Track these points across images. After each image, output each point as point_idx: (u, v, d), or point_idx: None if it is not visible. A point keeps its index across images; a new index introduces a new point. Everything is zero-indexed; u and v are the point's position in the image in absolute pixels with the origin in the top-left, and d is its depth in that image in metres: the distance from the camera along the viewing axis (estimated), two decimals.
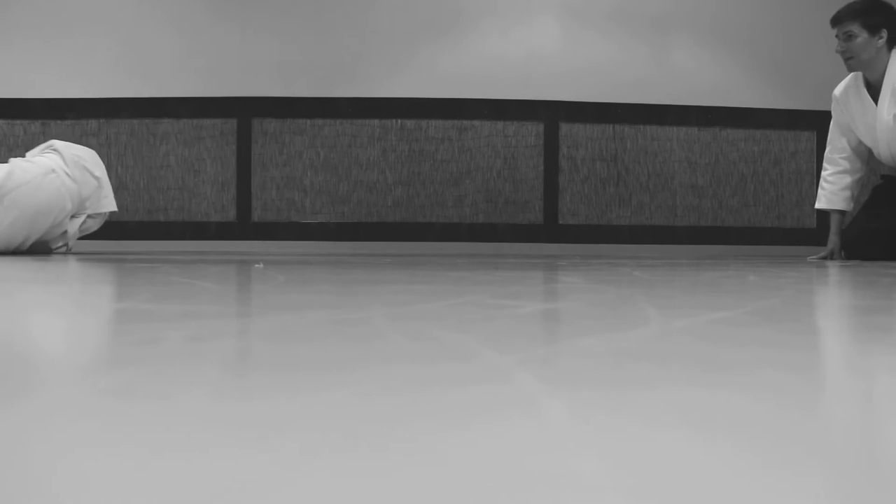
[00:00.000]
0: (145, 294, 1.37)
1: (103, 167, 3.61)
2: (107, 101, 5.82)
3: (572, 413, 0.46)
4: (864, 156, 3.55)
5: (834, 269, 2.64)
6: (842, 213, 3.50)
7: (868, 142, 3.46)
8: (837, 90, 3.58)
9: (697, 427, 0.42)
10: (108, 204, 3.64)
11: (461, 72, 5.99)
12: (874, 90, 3.33)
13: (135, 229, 5.88)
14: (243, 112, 5.60)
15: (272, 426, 0.42)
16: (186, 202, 5.92)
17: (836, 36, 3.32)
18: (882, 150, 3.39)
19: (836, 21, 3.31)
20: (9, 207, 3.21)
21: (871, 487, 0.31)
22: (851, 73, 3.49)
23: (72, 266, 2.45)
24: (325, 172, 5.79)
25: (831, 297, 1.56)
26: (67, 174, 3.36)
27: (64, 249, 3.52)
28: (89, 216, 3.59)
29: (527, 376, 0.59)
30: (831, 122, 3.64)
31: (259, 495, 0.30)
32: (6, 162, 3.42)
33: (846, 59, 3.35)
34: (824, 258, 3.50)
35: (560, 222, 5.85)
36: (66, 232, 3.48)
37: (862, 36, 3.21)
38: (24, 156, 3.58)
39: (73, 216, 3.48)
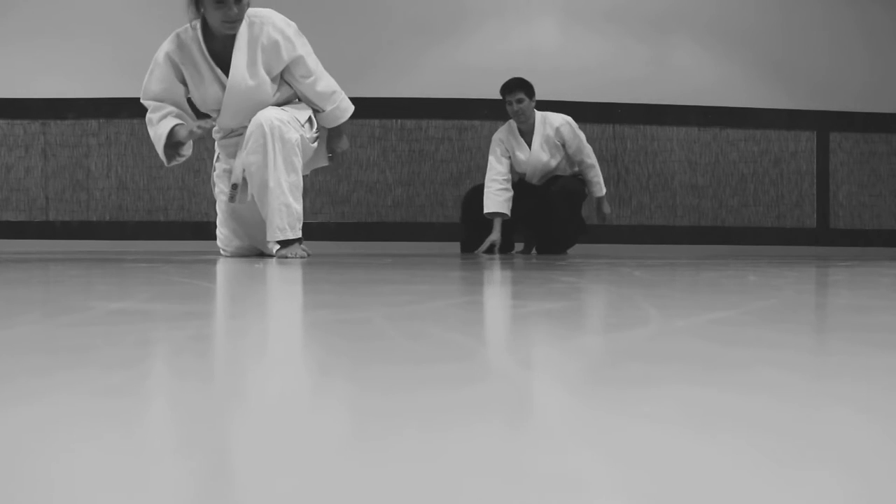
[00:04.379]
0: (145, 294, 1.37)
1: None
2: (107, 101, 5.82)
3: (572, 412, 0.46)
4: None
5: (833, 270, 2.64)
6: (504, 215, 4.68)
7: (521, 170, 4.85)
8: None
9: (698, 425, 0.42)
10: None
11: (461, 72, 5.99)
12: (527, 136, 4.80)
13: (135, 229, 5.88)
14: None
15: (269, 425, 0.42)
16: (186, 202, 5.92)
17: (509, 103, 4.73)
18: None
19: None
20: None
21: (883, 484, 0.31)
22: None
23: (72, 266, 2.45)
24: (325, 172, 5.79)
25: (831, 297, 1.56)
26: None
27: None
28: None
29: (527, 375, 0.59)
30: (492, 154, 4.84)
31: (259, 484, 0.30)
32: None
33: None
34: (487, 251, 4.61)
35: None
36: None
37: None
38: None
39: None
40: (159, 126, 3.32)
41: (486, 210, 4.64)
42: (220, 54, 3.33)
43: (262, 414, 0.45)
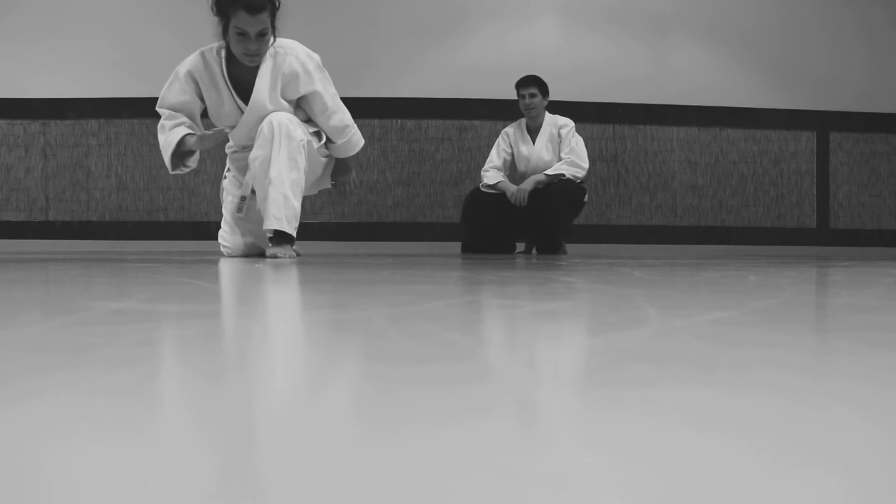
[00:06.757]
0: (145, 294, 1.37)
1: None
2: (107, 101, 5.82)
3: (572, 411, 0.46)
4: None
5: (833, 270, 2.64)
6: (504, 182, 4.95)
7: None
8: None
9: (698, 425, 0.42)
10: None
11: (461, 72, 5.99)
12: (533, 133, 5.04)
13: (135, 229, 5.88)
14: None
15: (269, 425, 0.42)
16: (186, 202, 5.92)
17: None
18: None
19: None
20: None
21: (883, 484, 0.31)
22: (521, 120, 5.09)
23: (72, 266, 2.45)
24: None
25: (831, 297, 1.56)
26: None
27: None
28: None
29: (527, 375, 0.59)
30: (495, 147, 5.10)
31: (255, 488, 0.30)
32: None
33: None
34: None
35: None
36: None
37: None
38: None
39: None
40: (170, 133, 3.42)
41: (490, 182, 4.91)
42: (241, 79, 3.43)
43: (262, 414, 0.45)
